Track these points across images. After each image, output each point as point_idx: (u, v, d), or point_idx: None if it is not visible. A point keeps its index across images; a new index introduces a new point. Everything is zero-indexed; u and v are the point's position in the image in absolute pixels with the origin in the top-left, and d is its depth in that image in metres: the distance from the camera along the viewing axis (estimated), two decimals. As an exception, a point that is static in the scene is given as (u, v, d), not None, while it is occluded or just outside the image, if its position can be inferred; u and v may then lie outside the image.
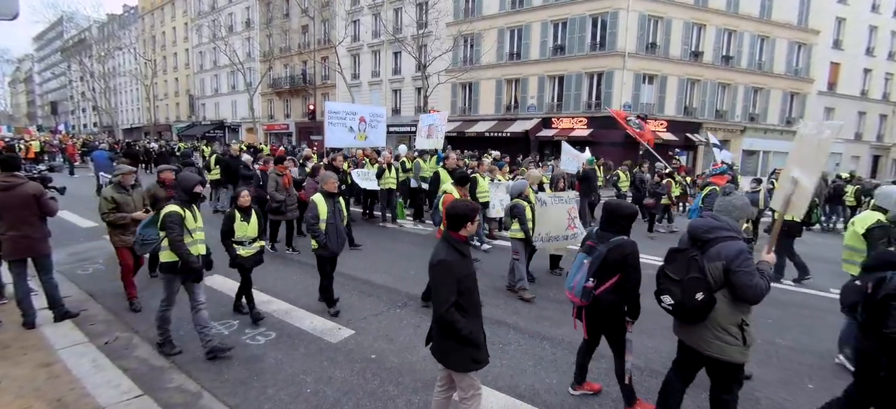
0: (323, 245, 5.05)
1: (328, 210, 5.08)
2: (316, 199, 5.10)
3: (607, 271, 3.21)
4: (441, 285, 2.62)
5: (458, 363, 2.72)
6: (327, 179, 5.25)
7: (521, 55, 26.97)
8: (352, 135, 11.43)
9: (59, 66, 79.21)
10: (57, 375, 3.79)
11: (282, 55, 40.34)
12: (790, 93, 28.43)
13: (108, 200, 5.05)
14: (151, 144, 27.74)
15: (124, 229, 5.15)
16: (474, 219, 2.77)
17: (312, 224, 5.01)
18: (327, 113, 11.04)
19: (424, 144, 11.81)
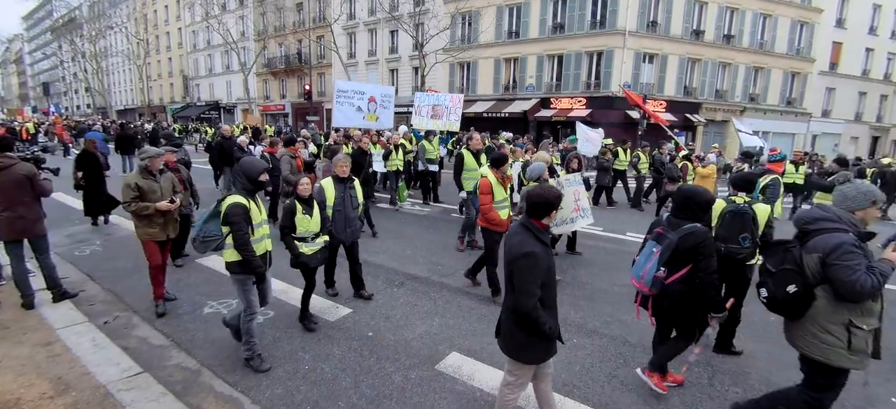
0: (327, 231, 4.68)
1: (337, 196, 4.71)
2: (324, 183, 4.76)
3: (678, 261, 3.10)
4: (528, 278, 2.48)
5: (530, 358, 2.65)
6: (338, 161, 4.87)
7: (519, 34, 26.60)
8: (360, 115, 11.09)
9: (49, 46, 77.81)
10: (57, 354, 3.83)
11: (276, 34, 39.70)
12: (791, 73, 28.21)
13: (131, 187, 4.45)
14: (147, 126, 27.53)
15: (150, 220, 4.58)
16: (558, 206, 2.64)
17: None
18: (336, 91, 10.73)
19: (426, 124, 11.55)
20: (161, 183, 4.69)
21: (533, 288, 2.48)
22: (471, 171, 7.15)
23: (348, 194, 4.80)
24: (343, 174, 4.81)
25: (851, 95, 30.89)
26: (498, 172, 5.32)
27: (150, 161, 4.65)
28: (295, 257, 4.25)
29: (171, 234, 4.80)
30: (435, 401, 3.39)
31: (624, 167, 12.09)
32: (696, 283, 3.11)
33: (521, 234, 2.62)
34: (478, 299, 5.29)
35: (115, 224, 8.37)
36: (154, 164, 4.66)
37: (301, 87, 36.85)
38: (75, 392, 3.31)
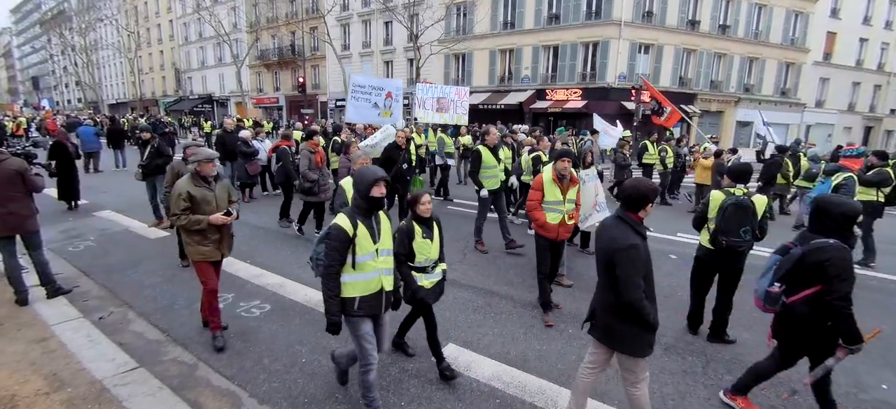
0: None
1: None
2: (344, 184, 4.21)
3: (803, 278, 2.84)
4: (632, 270, 2.49)
5: (636, 349, 2.64)
6: (357, 159, 4.45)
7: (515, 24, 26.46)
8: (376, 111, 10.67)
9: (38, 39, 76.56)
10: (52, 350, 3.81)
11: (269, 26, 39.27)
12: (786, 63, 28.28)
13: (182, 196, 3.69)
14: (140, 120, 27.22)
15: (203, 236, 3.80)
16: (654, 200, 2.62)
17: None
18: (351, 86, 10.37)
19: (432, 117, 11.27)
20: (216, 192, 3.90)
21: (637, 279, 2.49)
22: (490, 168, 6.69)
23: None
24: None
25: (845, 85, 31.02)
26: (556, 171, 4.73)
27: (200, 165, 3.81)
28: (412, 293, 3.38)
29: (226, 252, 4.02)
30: (431, 392, 3.41)
31: (653, 161, 11.49)
32: (822, 306, 2.79)
33: (619, 226, 2.61)
34: (474, 292, 5.31)
35: (108, 219, 8.31)
36: (206, 168, 3.83)
37: (295, 79, 36.50)
38: (71, 388, 3.30)
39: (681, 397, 3.47)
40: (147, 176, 7.48)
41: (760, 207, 4.04)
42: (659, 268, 5.37)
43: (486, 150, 6.69)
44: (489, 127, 7.46)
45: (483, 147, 6.73)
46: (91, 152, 13.86)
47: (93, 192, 10.80)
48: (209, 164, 3.85)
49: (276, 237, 7.35)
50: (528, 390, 3.47)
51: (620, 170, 10.46)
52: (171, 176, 5.34)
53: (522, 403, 3.33)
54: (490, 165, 6.70)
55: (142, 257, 6.23)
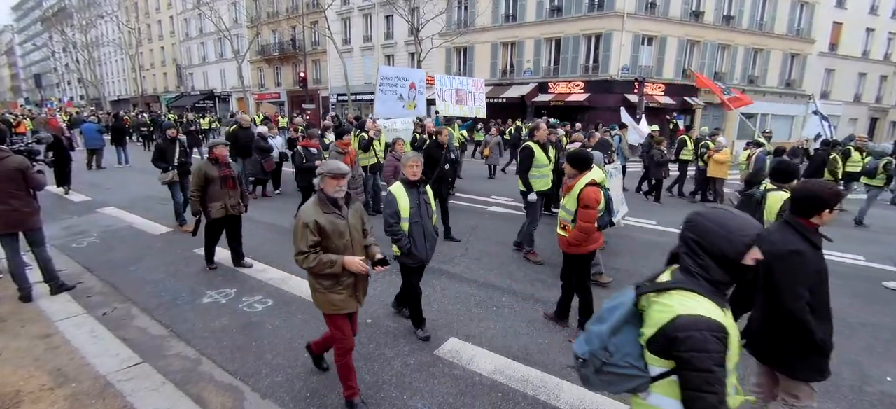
0: (407, 252, 3.79)
1: (412, 205, 3.75)
2: (395, 191, 3.76)
3: None
4: (792, 277, 2.27)
5: (800, 371, 2.40)
6: (407, 161, 3.83)
7: (516, 17, 26.28)
8: (401, 104, 10.30)
9: (40, 36, 76.64)
10: (56, 346, 3.83)
11: (269, 20, 39.16)
12: (790, 54, 28.01)
13: (309, 227, 2.79)
14: (143, 116, 27.24)
15: (335, 280, 2.93)
16: (835, 206, 2.33)
17: (392, 224, 3.73)
18: (379, 78, 10.00)
19: (452, 110, 10.97)
20: (349, 219, 3.00)
21: (798, 289, 2.27)
22: (541, 167, 6.11)
23: (423, 201, 3.87)
24: (414, 177, 3.80)
25: (851, 76, 30.71)
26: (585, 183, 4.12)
27: (324, 181, 2.89)
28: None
29: (362, 298, 3.16)
30: (434, 386, 3.41)
31: (690, 157, 11.14)
32: None
33: (783, 231, 2.40)
34: (476, 286, 5.30)
35: (111, 216, 8.33)
36: (333, 184, 2.87)
37: (296, 74, 36.47)
38: (75, 383, 3.31)
39: (684, 390, 3.45)
40: (180, 176, 7.35)
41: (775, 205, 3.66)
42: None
43: (538, 146, 6.07)
44: (539, 122, 6.83)
45: (534, 144, 6.12)
46: (94, 149, 13.89)
47: (96, 188, 10.84)
48: (338, 179, 2.89)
49: (279, 233, 7.35)
50: (531, 383, 3.47)
51: (658, 167, 9.98)
52: (198, 179, 5.30)
53: (524, 396, 3.33)
54: (542, 163, 6.10)
55: (144, 253, 6.25)
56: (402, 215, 3.74)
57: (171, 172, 7.21)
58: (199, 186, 5.29)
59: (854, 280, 5.96)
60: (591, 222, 3.93)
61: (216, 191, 5.31)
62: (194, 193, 5.34)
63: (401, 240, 3.76)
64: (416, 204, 3.80)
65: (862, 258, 6.88)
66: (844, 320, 4.76)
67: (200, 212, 5.43)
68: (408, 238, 3.76)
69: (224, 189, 5.34)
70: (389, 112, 10.22)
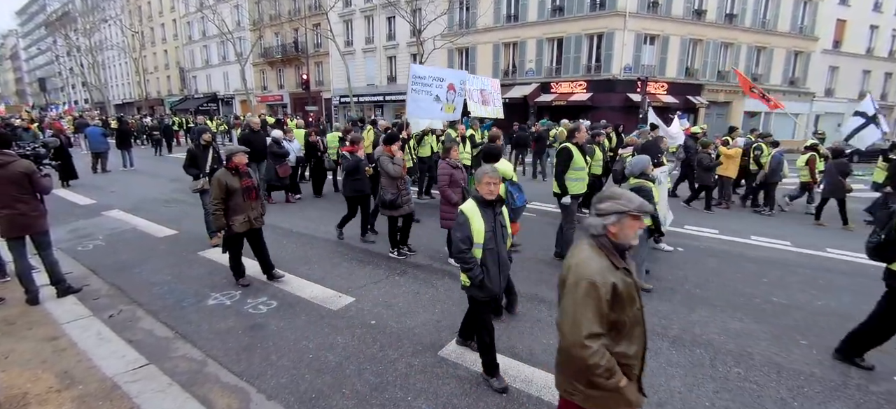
0: (478, 283, 3.17)
1: (486, 228, 3.16)
2: (468, 211, 3.19)
3: None
4: None
5: None
6: (483, 176, 3.23)
7: (518, 17, 26.28)
8: (438, 105, 9.71)
9: (44, 41, 77.17)
10: (63, 348, 3.85)
11: (272, 23, 39.29)
12: (794, 52, 27.88)
13: (603, 292, 1.87)
14: (147, 120, 27.38)
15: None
16: None
17: (463, 251, 3.13)
18: (411, 77, 9.50)
19: (479, 110, 10.73)
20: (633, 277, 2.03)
21: None
22: (578, 169, 5.95)
23: (498, 224, 3.28)
24: (491, 196, 3.20)
25: (855, 73, 30.53)
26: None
27: (626, 222, 1.97)
28: None
29: None
30: (438, 387, 3.42)
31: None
32: None
33: None
34: (480, 286, 5.31)
35: (116, 219, 8.38)
36: (634, 226, 2.00)
37: (299, 76, 36.59)
38: (82, 385, 3.34)
39: (689, 389, 3.45)
40: None
41: None
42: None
43: (576, 148, 5.94)
44: (579, 123, 6.54)
45: (573, 145, 5.96)
46: (99, 153, 13.97)
47: (101, 192, 10.92)
48: (638, 220, 2.02)
49: (283, 235, 7.39)
50: (535, 384, 3.47)
51: (706, 172, 9.31)
52: (218, 190, 4.87)
53: (529, 396, 3.33)
54: (579, 165, 5.97)
55: (149, 256, 6.29)
56: (476, 240, 3.15)
57: (202, 180, 6.64)
58: (220, 199, 4.87)
59: (861, 278, 5.92)
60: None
61: (239, 203, 4.95)
62: (216, 207, 4.90)
63: (472, 269, 3.14)
64: (491, 227, 3.20)
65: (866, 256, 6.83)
66: (851, 317, 4.73)
67: (225, 227, 5.01)
68: (480, 267, 3.16)
69: (247, 201, 4.98)
70: (424, 114, 9.82)
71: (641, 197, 4.62)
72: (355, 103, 30.88)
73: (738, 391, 3.45)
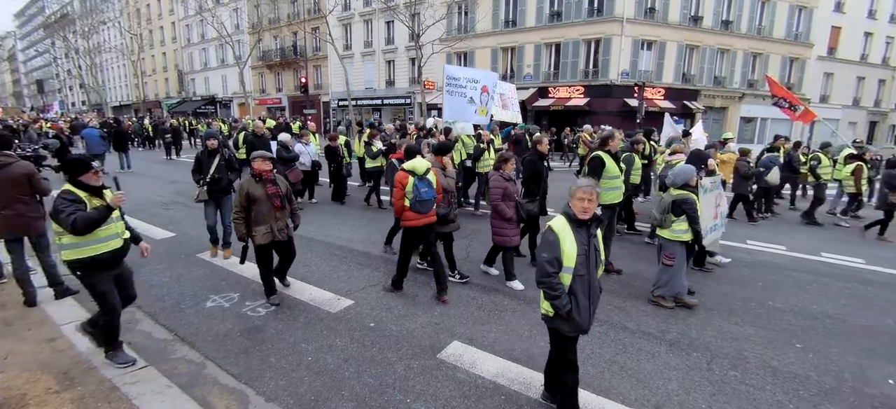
0: (565, 314, 2.78)
1: (579, 251, 2.76)
2: (558, 230, 2.79)
3: None
4: None
5: None
6: (577, 190, 2.79)
7: (516, 22, 26.42)
8: (472, 108, 9.41)
9: (42, 42, 77.06)
10: (61, 350, 3.85)
11: (271, 26, 39.37)
12: (790, 58, 28.11)
13: None
14: (145, 122, 27.33)
15: None
16: None
17: (549, 275, 2.75)
18: (446, 78, 9.28)
19: (501, 114, 10.62)
20: None
21: None
22: (612, 178, 5.72)
23: (592, 247, 2.83)
24: (585, 214, 2.77)
25: (850, 80, 30.80)
26: None
27: None
28: None
29: None
30: (437, 389, 3.43)
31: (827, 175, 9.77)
32: None
33: None
34: (479, 289, 5.32)
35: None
36: None
37: (297, 79, 36.61)
38: (81, 386, 3.34)
39: (686, 392, 3.47)
40: (213, 195, 6.18)
41: None
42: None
43: (609, 157, 5.71)
44: (613, 131, 6.27)
45: (605, 154, 5.72)
46: (96, 155, 13.93)
47: (98, 193, 10.90)
48: None
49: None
50: (533, 386, 3.49)
51: (743, 181, 8.99)
52: (240, 198, 4.54)
53: (527, 399, 3.35)
54: (613, 174, 5.74)
55: (148, 259, 6.24)
56: (565, 264, 2.75)
57: (199, 189, 6.14)
58: (241, 207, 4.54)
59: (854, 283, 5.98)
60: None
61: (262, 212, 4.55)
62: (236, 216, 4.59)
63: (559, 298, 2.74)
64: (584, 250, 2.77)
65: (863, 261, 6.90)
66: (845, 322, 4.79)
67: (245, 237, 4.66)
68: (568, 296, 2.76)
69: (271, 210, 4.58)
70: (459, 116, 9.52)
71: (684, 210, 4.57)
72: (353, 107, 30.90)
73: (735, 393, 3.48)
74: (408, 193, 4.78)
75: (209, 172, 6.11)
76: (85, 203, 3.33)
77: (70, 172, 3.43)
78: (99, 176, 3.51)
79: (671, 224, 4.77)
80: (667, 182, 4.98)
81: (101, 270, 3.47)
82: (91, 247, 3.39)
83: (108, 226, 3.43)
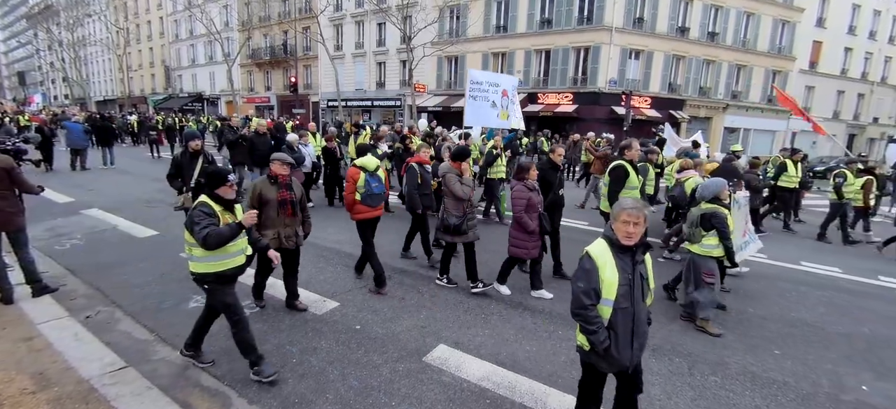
0: (602, 350, 2.46)
1: (621, 281, 2.43)
2: (597, 256, 2.47)
3: None
4: None
5: None
6: (621, 212, 2.45)
7: (507, 28, 26.64)
8: (495, 112, 9.15)
9: (25, 34, 75.25)
10: (38, 349, 3.76)
11: (261, 25, 39.02)
12: (773, 71, 28.81)
13: None
14: (129, 117, 26.84)
15: None
16: None
17: (586, 307, 2.44)
18: (469, 82, 9.07)
19: (515, 121, 10.41)
20: None
21: None
22: (632, 189, 5.70)
23: (638, 275, 2.50)
24: (629, 240, 2.44)
25: (830, 93, 31.67)
26: None
27: None
28: None
29: None
30: (422, 392, 3.43)
31: (793, 185, 9.45)
32: None
33: None
34: (465, 293, 5.33)
35: (96, 218, 8.20)
36: None
37: (286, 79, 36.34)
38: (58, 387, 3.26)
39: (667, 397, 3.53)
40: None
41: None
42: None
43: (631, 167, 5.65)
44: (631, 140, 6.11)
45: (627, 163, 5.60)
46: (78, 149, 13.64)
47: (80, 189, 10.66)
48: None
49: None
50: (518, 390, 3.51)
51: (754, 194, 8.61)
52: (251, 199, 4.27)
53: (512, 403, 3.36)
54: (633, 185, 5.65)
55: (130, 257, 6.16)
56: (604, 295, 2.44)
57: (182, 196, 5.59)
58: (252, 208, 4.11)
59: (831, 291, 6.14)
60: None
61: (271, 217, 4.33)
62: None
63: (596, 333, 2.43)
64: (627, 279, 2.45)
65: (840, 270, 7.09)
66: (822, 330, 4.91)
67: (256, 243, 4.24)
68: (606, 330, 2.46)
69: (281, 216, 4.34)
70: (482, 121, 9.34)
71: (714, 224, 4.46)
72: (343, 108, 30.78)
73: (715, 398, 3.54)
74: (359, 188, 5.00)
75: (192, 177, 5.63)
76: (218, 217, 3.24)
77: (208, 184, 3.33)
78: (233, 189, 3.39)
79: (700, 239, 4.60)
80: (696, 195, 4.81)
81: (227, 284, 3.44)
82: (220, 262, 3.33)
83: (236, 242, 3.35)
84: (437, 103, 28.54)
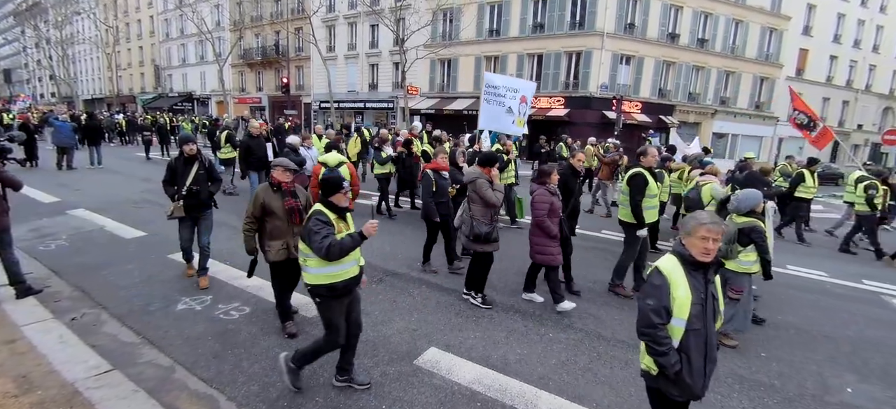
0: (672, 373, 2.28)
1: (694, 300, 2.25)
2: (668, 270, 2.31)
3: None
4: None
5: None
6: (695, 228, 2.29)
7: (500, 32, 26.76)
8: (510, 118, 8.98)
9: (11, 31, 73.95)
10: (21, 352, 3.69)
11: (253, 25, 38.77)
12: (760, 77, 29.29)
13: None
14: (116, 116, 26.47)
15: None
16: None
17: (655, 326, 2.27)
18: (485, 86, 8.94)
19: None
20: None
21: None
22: (651, 196, 5.49)
23: (710, 294, 2.34)
24: (706, 256, 2.28)
25: (816, 100, 32.16)
26: None
27: None
28: None
29: None
30: (413, 395, 3.42)
31: (811, 195, 9.27)
32: None
33: None
34: (456, 296, 5.33)
35: (82, 218, 8.07)
36: None
37: (278, 79, 36.08)
38: (41, 391, 3.20)
39: (656, 399, 3.55)
40: (190, 211, 5.16)
41: None
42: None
43: (649, 174, 5.49)
44: (647, 146, 5.94)
45: (645, 169, 5.43)
46: (65, 148, 13.42)
47: (66, 189, 10.48)
48: None
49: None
50: (509, 393, 3.51)
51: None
52: (253, 209, 4.05)
53: (503, 406, 3.37)
54: (653, 192, 5.51)
55: (116, 258, 6.07)
56: (676, 315, 2.26)
57: (173, 204, 5.15)
58: (253, 218, 4.07)
59: (817, 294, 6.24)
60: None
61: (278, 227, 4.07)
62: (247, 227, 4.11)
63: (667, 355, 2.25)
64: (700, 299, 2.27)
65: (825, 274, 7.21)
66: (808, 332, 4.99)
67: (255, 251, 4.22)
68: (677, 353, 2.27)
69: (289, 225, 4.09)
70: (497, 126, 9.17)
71: (752, 239, 4.29)
72: (336, 109, 30.67)
73: (704, 401, 3.55)
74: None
75: (185, 184, 5.13)
76: (334, 226, 3.13)
77: (323, 191, 3.22)
78: (347, 196, 3.28)
79: (737, 255, 4.33)
80: (730, 208, 4.55)
81: (337, 298, 3.23)
82: (335, 273, 3.16)
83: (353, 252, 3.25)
84: (429, 106, 28.55)
